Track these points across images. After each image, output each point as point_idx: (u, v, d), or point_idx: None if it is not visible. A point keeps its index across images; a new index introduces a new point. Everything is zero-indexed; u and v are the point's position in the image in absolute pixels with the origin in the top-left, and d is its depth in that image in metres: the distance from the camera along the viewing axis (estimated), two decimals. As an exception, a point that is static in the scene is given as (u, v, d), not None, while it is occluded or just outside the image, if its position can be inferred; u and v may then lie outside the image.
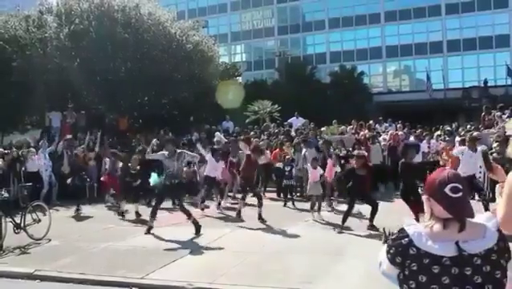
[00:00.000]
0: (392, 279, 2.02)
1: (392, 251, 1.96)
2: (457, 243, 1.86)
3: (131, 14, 19.90)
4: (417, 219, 7.94)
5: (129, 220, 10.71)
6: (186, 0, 45.73)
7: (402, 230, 1.99)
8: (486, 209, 7.96)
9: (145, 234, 8.85)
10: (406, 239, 1.93)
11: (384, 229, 2.15)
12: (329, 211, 10.94)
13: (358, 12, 40.16)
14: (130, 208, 11.44)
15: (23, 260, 7.37)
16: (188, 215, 9.00)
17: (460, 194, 1.90)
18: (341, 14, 40.94)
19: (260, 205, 9.98)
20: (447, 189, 1.91)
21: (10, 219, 8.32)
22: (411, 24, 38.76)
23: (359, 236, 8.45)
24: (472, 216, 1.92)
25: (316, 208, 10.29)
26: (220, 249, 7.83)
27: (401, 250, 1.93)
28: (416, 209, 7.99)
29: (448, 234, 1.89)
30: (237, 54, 46.67)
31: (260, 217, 9.78)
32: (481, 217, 2.01)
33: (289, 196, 12.43)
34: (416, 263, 1.89)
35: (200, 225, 8.87)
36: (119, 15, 19.55)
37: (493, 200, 3.13)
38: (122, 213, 11.10)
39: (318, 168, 10.57)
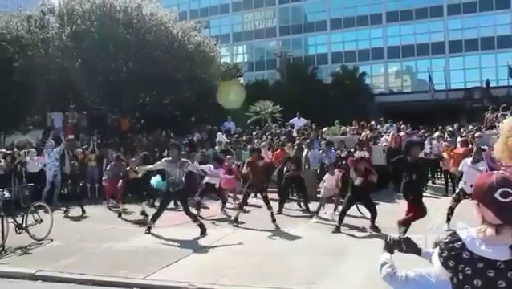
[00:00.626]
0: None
1: (444, 255, 1.96)
2: (511, 247, 1.85)
3: (133, 14, 19.82)
4: (408, 221, 7.86)
5: (131, 220, 10.69)
6: (188, 0, 45.75)
7: (454, 234, 1.98)
8: None
9: (146, 233, 8.87)
10: (459, 243, 1.93)
11: (385, 236, 2.15)
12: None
13: (360, 13, 40.15)
14: (131, 208, 11.46)
15: (25, 260, 7.38)
16: (194, 219, 9.00)
17: (510, 198, 1.87)
18: (343, 14, 40.93)
19: (270, 207, 9.73)
20: (497, 194, 1.88)
21: (12, 219, 8.31)
22: (413, 25, 38.74)
23: (361, 237, 8.44)
24: None
25: (322, 209, 10.34)
26: (222, 249, 7.84)
27: (454, 253, 1.92)
28: (410, 210, 7.93)
29: (501, 239, 1.88)
30: (239, 54, 46.70)
31: (273, 218, 9.50)
32: None
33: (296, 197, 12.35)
34: (470, 268, 1.88)
35: (205, 228, 8.86)
36: (121, 16, 19.47)
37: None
38: (120, 214, 11.07)
39: (336, 172, 10.54)
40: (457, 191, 9.18)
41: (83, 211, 11.54)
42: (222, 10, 46.02)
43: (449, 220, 8.56)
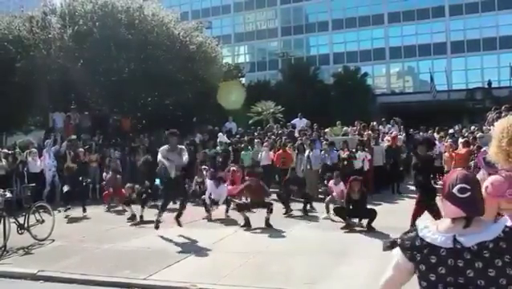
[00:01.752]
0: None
1: (402, 244, 2.07)
2: (454, 236, 1.94)
3: (134, 15, 19.82)
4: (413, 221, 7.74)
5: (132, 221, 10.63)
6: (190, 1, 45.71)
7: (415, 225, 2.12)
8: None
9: (155, 228, 8.81)
10: (414, 232, 2.06)
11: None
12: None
13: (361, 13, 40.08)
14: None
15: (27, 260, 7.39)
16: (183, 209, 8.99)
17: (467, 194, 1.97)
18: (344, 15, 40.90)
19: (270, 211, 9.69)
20: (455, 190, 1.99)
21: (14, 220, 8.32)
22: (414, 25, 38.68)
23: (363, 237, 8.43)
24: (480, 214, 1.99)
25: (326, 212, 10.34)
26: (223, 250, 7.83)
27: (410, 242, 2.04)
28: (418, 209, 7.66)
29: (451, 229, 1.98)
30: (241, 55, 46.68)
31: (267, 223, 9.46)
32: (503, 218, 2.07)
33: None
34: (419, 254, 2.00)
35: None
36: (123, 16, 19.46)
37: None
38: (135, 216, 10.67)
39: (341, 183, 10.48)
40: None
41: (84, 210, 11.51)
42: (224, 11, 46.02)
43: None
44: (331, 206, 10.20)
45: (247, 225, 9.48)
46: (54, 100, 19.07)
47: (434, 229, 2.02)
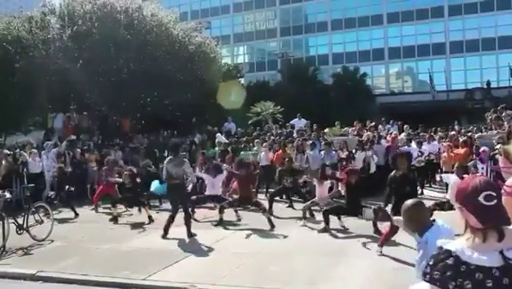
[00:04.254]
0: None
1: (437, 276, 1.78)
2: (501, 252, 1.76)
3: (133, 15, 19.81)
4: (385, 239, 7.17)
5: (132, 222, 10.60)
6: (189, 1, 45.67)
7: (440, 249, 1.85)
8: None
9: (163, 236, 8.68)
10: (451, 258, 1.79)
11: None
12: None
13: (360, 13, 40.11)
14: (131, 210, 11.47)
15: (26, 261, 7.38)
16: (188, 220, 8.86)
17: (495, 202, 1.81)
18: (344, 15, 40.93)
19: (264, 210, 9.67)
20: (481, 198, 1.81)
21: (13, 220, 8.31)
22: (413, 26, 38.73)
23: (362, 237, 8.35)
24: (509, 223, 1.83)
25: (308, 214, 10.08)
26: (222, 250, 7.81)
27: (451, 272, 1.76)
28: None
29: (489, 245, 1.79)
30: (240, 55, 46.66)
31: (270, 223, 9.35)
32: None
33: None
34: (470, 281, 1.74)
35: (167, 232, 8.69)
36: (122, 16, 19.44)
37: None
38: (115, 218, 10.62)
39: (325, 182, 10.16)
40: (444, 200, 8.73)
41: (76, 214, 11.35)
42: (223, 11, 45.98)
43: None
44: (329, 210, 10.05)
45: (220, 223, 9.63)
46: (53, 101, 19.10)
47: (470, 248, 1.78)
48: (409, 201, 3.52)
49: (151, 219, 10.25)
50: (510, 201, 2.61)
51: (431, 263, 1.82)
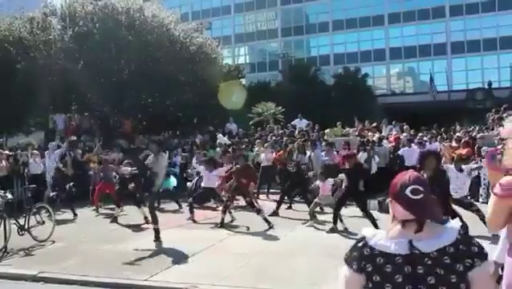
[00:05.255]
0: None
1: (349, 258, 1.94)
2: (410, 242, 1.84)
3: (135, 16, 19.81)
4: None
5: (133, 223, 10.58)
6: (190, 2, 45.61)
7: (361, 236, 1.99)
8: (483, 221, 7.40)
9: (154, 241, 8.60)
10: (362, 242, 1.94)
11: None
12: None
13: (362, 14, 39.98)
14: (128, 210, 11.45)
15: (27, 262, 7.39)
16: (155, 221, 8.67)
17: (421, 196, 1.91)
18: (345, 15, 40.81)
19: (258, 211, 9.65)
20: (407, 191, 1.92)
21: (14, 221, 8.33)
22: (415, 26, 38.60)
23: None
24: (433, 217, 1.91)
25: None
26: (223, 251, 7.80)
27: (357, 253, 1.91)
28: None
29: (404, 234, 1.89)
30: (241, 56, 46.56)
31: (267, 222, 9.37)
32: (453, 221, 1.98)
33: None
34: (370, 264, 1.87)
35: (159, 236, 8.51)
36: (123, 17, 19.45)
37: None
38: (116, 219, 10.70)
39: (329, 179, 10.10)
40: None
41: (75, 214, 11.40)
42: (224, 12, 45.87)
43: None
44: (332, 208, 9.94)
45: (221, 225, 9.55)
46: (54, 101, 19.07)
47: (384, 237, 1.92)
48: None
49: (147, 220, 10.15)
50: (499, 202, 2.69)
51: (351, 247, 1.96)
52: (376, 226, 8.34)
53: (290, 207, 11.87)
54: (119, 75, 19.23)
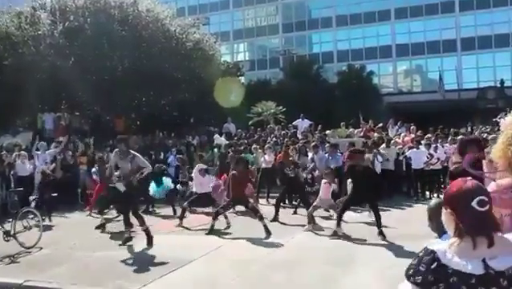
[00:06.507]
0: None
1: (413, 272, 1.86)
2: (483, 261, 1.78)
3: (128, 10, 19.93)
4: None
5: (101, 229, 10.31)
6: (186, -4, 45.63)
7: (425, 249, 1.91)
8: None
9: (120, 245, 8.42)
10: (429, 256, 1.86)
11: None
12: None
13: (367, 9, 39.69)
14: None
15: (12, 269, 7.32)
16: (130, 226, 8.59)
17: (487, 207, 1.85)
18: (349, 10, 40.51)
19: (260, 217, 9.28)
20: (474, 203, 1.84)
21: (0, 226, 8.31)
22: (422, 21, 38.17)
23: (368, 244, 8.19)
24: (499, 230, 1.87)
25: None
26: (220, 258, 7.69)
27: (426, 269, 1.83)
28: None
29: (475, 252, 1.81)
30: (240, 52, 46.45)
31: (266, 230, 9.05)
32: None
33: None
34: (443, 283, 1.80)
35: (151, 237, 8.41)
36: (116, 12, 19.57)
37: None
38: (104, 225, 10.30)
39: (333, 184, 9.99)
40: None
41: (50, 220, 11.16)
42: (222, 6, 45.63)
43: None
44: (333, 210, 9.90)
45: (210, 232, 9.30)
46: (43, 100, 19.00)
47: (453, 252, 1.83)
48: (433, 201, 3.47)
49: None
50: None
51: (414, 262, 1.89)
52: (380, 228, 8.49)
53: (295, 212, 11.63)
54: (112, 73, 19.25)
